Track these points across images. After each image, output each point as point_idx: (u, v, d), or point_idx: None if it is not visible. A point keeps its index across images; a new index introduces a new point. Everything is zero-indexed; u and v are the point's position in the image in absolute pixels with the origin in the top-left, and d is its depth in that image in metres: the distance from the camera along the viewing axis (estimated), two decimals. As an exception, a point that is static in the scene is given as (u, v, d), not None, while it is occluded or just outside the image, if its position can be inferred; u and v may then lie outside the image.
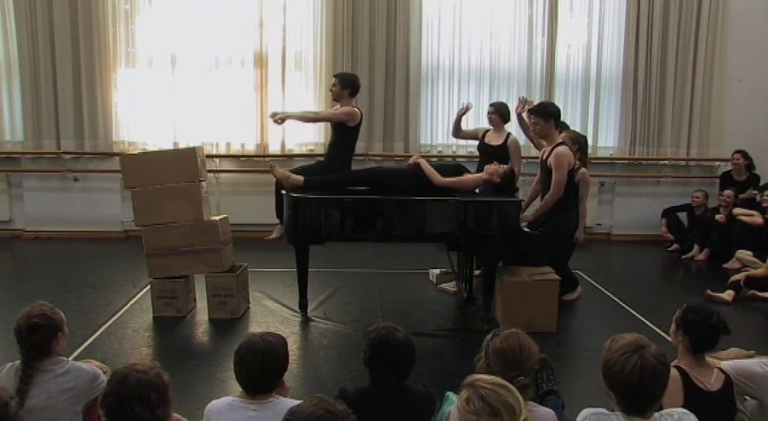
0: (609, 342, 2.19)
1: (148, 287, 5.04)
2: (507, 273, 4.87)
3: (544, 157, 5.01)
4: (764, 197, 6.59)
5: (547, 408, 2.36)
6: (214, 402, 2.45)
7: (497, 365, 2.33)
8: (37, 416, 2.41)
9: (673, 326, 2.70)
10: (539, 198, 5.20)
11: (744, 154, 7.34)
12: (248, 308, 5.13)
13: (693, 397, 2.50)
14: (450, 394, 2.77)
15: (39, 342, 2.49)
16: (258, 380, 2.36)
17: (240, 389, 2.42)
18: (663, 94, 7.64)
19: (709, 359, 2.68)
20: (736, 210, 6.77)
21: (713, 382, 2.56)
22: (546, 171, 4.98)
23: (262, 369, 2.35)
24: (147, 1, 7.22)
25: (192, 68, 7.25)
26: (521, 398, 1.81)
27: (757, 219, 6.56)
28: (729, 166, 7.52)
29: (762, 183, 7.21)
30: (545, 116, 4.91)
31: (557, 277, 4.84)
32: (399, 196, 4.73)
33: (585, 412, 2.19)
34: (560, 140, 4.97)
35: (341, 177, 4.96)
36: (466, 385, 1.84)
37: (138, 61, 7.29)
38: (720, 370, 2.61)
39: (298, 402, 1.88)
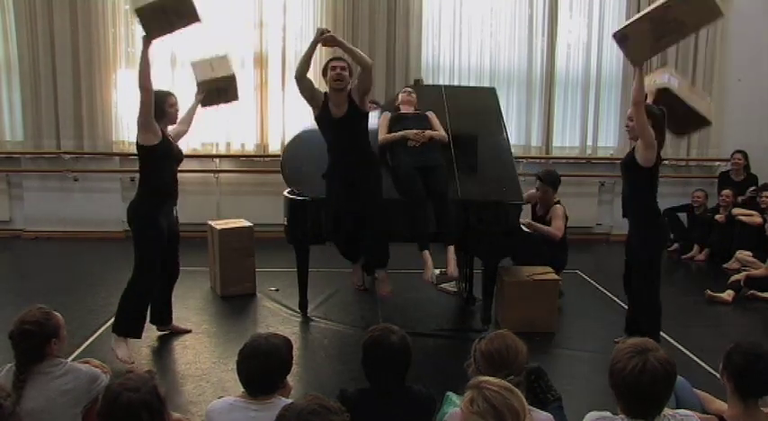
0: (620, 342, 2.20)
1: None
2: (507, 273, 4.88)
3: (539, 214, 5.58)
4: (764, 198, 6.59)
5: (547, 413, 2.35)
6: (215, 402, 2.45)
7: (485, 368, 2.33)
8: (36, 419, 2.39)
9: (720, 365, 2.45)
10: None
11: (744, 154, 7.36)
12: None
13: None
14: (450, 394, 2.77)
15: (29, 349, 2.47)
16: (259, 381, 2.36)
17: (242, 389, 2.42)
18: (663, 94, 7.64)
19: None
20: (736, 210, 6.77)
21: None
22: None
23: (263, 369, 2.35)
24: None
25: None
26: (526, 404, 1.80)
27: (757, 218, 6.56)
28: (728, 166, 7.54)
29: (760, 183, 7.21)
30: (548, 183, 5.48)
31: (557, 277, 4.87)
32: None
33: (590, 416, 2.18)
34: (557, 200, 5.49)
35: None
36: (471, 386, 1.83)
37: (138, 61, 7.27)
38: None
39: (291, 402, 1.89)
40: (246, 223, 5.61)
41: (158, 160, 4.19)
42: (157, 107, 4.17)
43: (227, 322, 4.90)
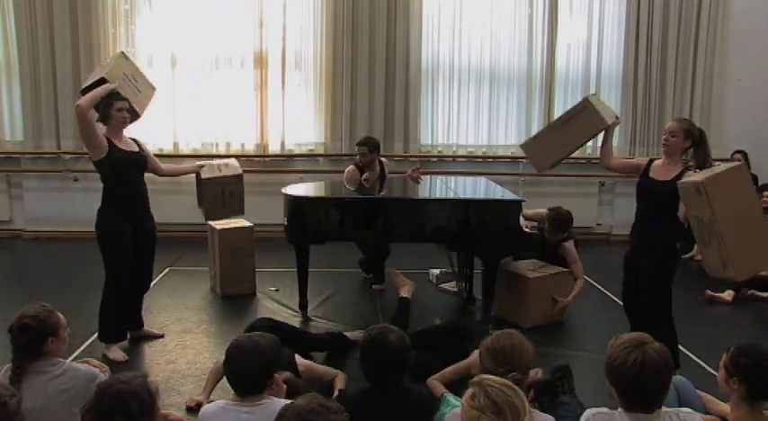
0: (613, 339, 2.19)
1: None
2: (510, 267, 4.94)
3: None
4: (764, 198, 6.58)
5: (547, 415, 2.35)
6: (207, 406, 2.46)
7: (489, 363, 2.34)
8: (34, 419, 2.38)
9: (721, 372, 2.43)
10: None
11: (744, 154, 7.35)
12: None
13: None
14: (448, 396, 2.78)
15: (26, 344, 2.47)
16: (244, 381, 2.36)
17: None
18: (663, 94, 7.64)
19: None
20: (737, 210, 6.76)
21: None
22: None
23: (246, 369, 2.34)
24: (147, 1, 7.22)
25: (192, 68, 7.25)
26: (527, 402, 1.81)
27: (757, 218, 6.55)
28: (729, 166, 7.54)
29: (760, 183, 7.20)
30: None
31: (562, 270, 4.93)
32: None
33: (588, 412, 2.18)
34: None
35: None
36: (473, 383, 1.84)
37: (138, 61, 7.23)
38: None
39: (290, 402, 1.89)
40: (246, 223, 5.62)
41: (113, 172, 4.15)
42: (102, 111, 4.08)
43: (227, 322, 4.89)
